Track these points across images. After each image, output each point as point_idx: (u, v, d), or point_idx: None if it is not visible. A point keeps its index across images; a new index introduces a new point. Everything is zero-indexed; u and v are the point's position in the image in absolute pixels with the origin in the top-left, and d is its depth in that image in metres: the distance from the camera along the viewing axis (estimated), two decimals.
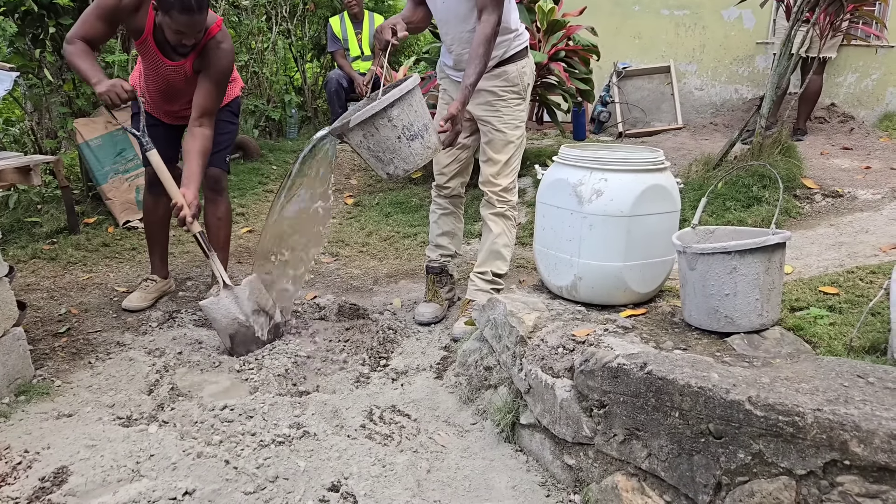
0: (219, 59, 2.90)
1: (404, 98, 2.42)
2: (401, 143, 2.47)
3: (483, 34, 2.58)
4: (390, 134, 2.46)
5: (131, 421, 2.34)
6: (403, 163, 2.52)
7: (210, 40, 2.87)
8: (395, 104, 2.40)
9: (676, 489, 1.67)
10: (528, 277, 3.51)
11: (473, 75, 2.59)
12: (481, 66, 2.60)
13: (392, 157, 2.51)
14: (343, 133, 2.52)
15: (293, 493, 1.97)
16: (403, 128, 2.45)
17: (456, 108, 2.59)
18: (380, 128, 2.44)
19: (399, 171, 2.55)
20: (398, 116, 2.43)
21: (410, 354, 2.85)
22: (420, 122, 2.49)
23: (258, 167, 5.70)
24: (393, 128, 2.45)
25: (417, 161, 2.54)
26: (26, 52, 4.35)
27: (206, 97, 2.94)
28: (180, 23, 2.66)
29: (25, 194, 4.54)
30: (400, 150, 2.49)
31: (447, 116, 2.59)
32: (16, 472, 2.04)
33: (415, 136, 2.48)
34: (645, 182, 2.27)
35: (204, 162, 2.98)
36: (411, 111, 2.46)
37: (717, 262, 1.97)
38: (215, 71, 2.92)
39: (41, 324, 3.07)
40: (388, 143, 2.47)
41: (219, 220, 3.30)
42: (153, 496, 1.93)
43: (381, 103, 2.39)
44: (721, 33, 6.90)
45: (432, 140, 2.55)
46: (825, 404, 1.44)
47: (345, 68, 6.61)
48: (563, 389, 1.97)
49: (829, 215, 3.94)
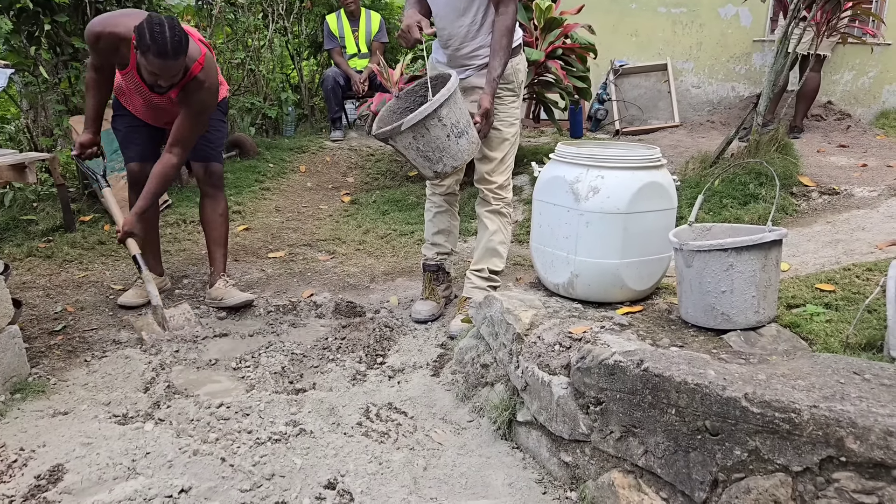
0: (200, 99, 2.91)
1: (452, 97, 2.45)
2: (450, 140, 2.50)
3: (504, 25, 2.65)
4: (440, 133, 2.48)
5: (127, 419, 2.34)
6: (452, 160, 2.55)
7: (192, 81, 2.85)
8: (444, 104, 2.42)
9: (673, 486, 1.67)
10: (525, 275, 3.51)
11: (500, 67, 2.66)
12: (506, 57, 2.67)
13: (441, 156, 2.53)
14: (391, 136, 2.52)
15: (289, 490, 1.96)
16: (452, 126, 2.48)
17: (489, 102, 2.66)
18: (430, 128, 2.46)
19: (448, 169, 2.58)
20: (447, 115, 2.45)
21: (407, 352, 2.84)
22: (465, 119, 2.53)
23: (255, 165, 5.69)
24: (443, 127, 2.46)
25: (465, 157, 2.57)
26: (22, 49, 4.34)
27: (183, 129, 2.96)
28: (155, 66, 2.64)
29: (21, 192, 4.53)
30: (449, 148, 2.52)
31: (483, 111, 2.66)
32: (11, 471, 2.03)
33: (462, 133, 2.52)
34: (641, 179, 2.26)
35: (161, 186, 3.02)
36: (457, 109, 2.49)
37: (713, 260, 1.97)
38: (195, 107, 2.92)
39: (37, 322, 3.06)
40: (438, 143, 2.49)
41: (220, 216, 3.35)
42: (149, 494, 1.92)
43: (431, 104, 2.40)
44: (718, 31, 6.90)
45: (475, 135, 2.59)
46: (821, 401, 1.44)
47: (341, 66, 6.60)
48: (559, 387, 1.97)
49: (825, 213, 3.95)
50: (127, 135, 3.23)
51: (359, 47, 6.67)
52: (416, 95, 2.72)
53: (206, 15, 5.85)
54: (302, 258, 4.04)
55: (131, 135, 3.21)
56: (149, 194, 2.98)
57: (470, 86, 2.82)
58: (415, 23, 2.58)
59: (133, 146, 3.23)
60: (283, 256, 4.05)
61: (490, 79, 2.67)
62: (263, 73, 6.66)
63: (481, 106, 2.67)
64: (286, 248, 4.19)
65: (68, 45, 4.42)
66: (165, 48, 2.58)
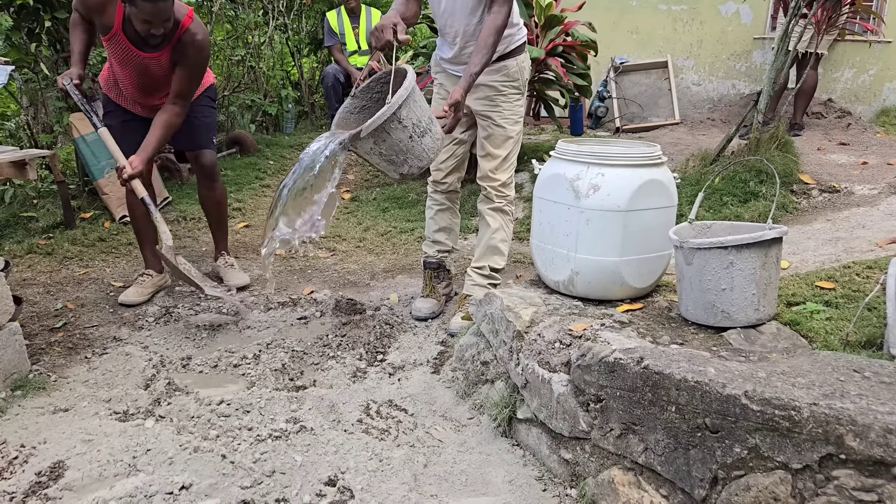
0: (195, 51, 2.93)
1: (410, 96, 2.34)
2: (413, 141, 2.39)
3: (494, 25, 2.58)
4: (402, 135, 2.37)
5: (128, 416, 2.34)
6: (417, 160, 2.45)
7: (184, 33, 2.88)
8: (403, 105, 2.31)
9: (673, 483, 1.68)
10: (525, 272, 3.51)
11: (479, 64, 2.57)
12: (488, 56, 2.59)
13: (406, 158, 2.42)
14: (350, 143, 2.40)
15: (290, 487, 1.97)
16: (413, 126, 2.37)
17: (460, 94, 2.54)
18: (391, 131, 2.34)
19: (413, 170, 2.48)
20: (407, 116, 2.34)
21: (407, 349, 2.85)
22: (426, 117, 2.43)
23: (255, 162, 5.68)
24: (404, 129, 2.35)
25: (430, 156, 2.47)
26: (22, 46, 4.33)
27: (181, 83, 2.99)
28: (146, 11, 2.65)
29: (21, 189, 4.53)
30: (413, 149, 2.41)
31: (451, 102, 2.54)
32: (12, 467, 2.03)
33: (424, 132, 2.41)
34: (642, 177, 2.26)
35: (166, 134, 3.04)
36: (417, 108, 2.38)
37: (713, 257, 1.97)
38: (192, 62, 2.96)
39: (37, 319, 3.07)
40: (400, 145, 2.38)
41: (218, 204, 3.45)
42: (150, 490, 1.93)
43: (388, 108, 2.29)
44: (718, 28, 6.90)
45: (438, 131, 2.49)
46: (821, 399, 1.45)
47: (342, 63, 6.59)
48: (559, 384, 1.97)
49: (825, 210, 3.95)
50: (120, 130, 3.17)
51: (359, 44, 6.66)
52: (373, 92, 2.61)
53: (207, 12, 5.84)
54: (302, 255, 4.04)
55: (125, 130, 3.18)
56: (154, 140, 2.99)
57: (476, 83, 2.81)
58: (390, 24, 2.47)
59: (126, 142, 3.15)
60: (284, 253, 4.05)
61: (468, 73, 2.57)
62: (264, 70, 6.66)
63: (451, 97, 2.55)
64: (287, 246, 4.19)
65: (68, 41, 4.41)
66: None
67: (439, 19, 2.80)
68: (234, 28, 6.32)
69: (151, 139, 2.99)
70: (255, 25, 6.40)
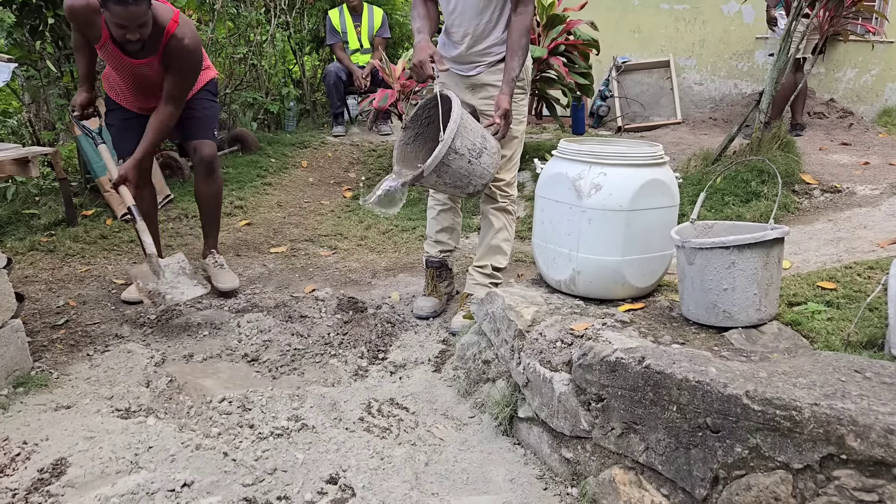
0: (184, 56, 2.91)
1: (460, 125, 2.44)
2: (472, 165, 2.51)
3: (523, 25, 2.65)
4: (462, 163, 2.49)
5: (130, 413, 2.34)
6: (480, 179, 2.57)
7: (171, 39, 2.85)
8: (455, 136, 2.42)
9: (674, 483, 1.68)
10: (527, 271, 3.52)
11: (518, 67, 2.66)
12: (524, 57, 2.68)
13: (469, 180, 2.55)
14: (415, 182, 2.54)
15: (291, 485, 1.97)
16: (469, 151, 2.49)
17: (507, 102, 2.64)
18: (451, 163, 2.47)
19: (479, 188, 2.61)
20: (462, 145, 2.46)
21: (409, 348, 2.85)
22: (479, 137, 2.53)
23: (257, 160, 5.69)
24: (461, 157, 2.47)
25: (491, 171, 2.59)
26: (24, 43, 4.34)
27: (172, 86, 2.98)
28: (118, 15, 2.62)
29: (23, 186, 4.53)
30: (474, 171, 2.53)
31: (501, 112, 2.64)
32: (14, 464, 2.04)
33: (481, 152, 2.52)
34: (644, 176, 2.26)
35: (159, 137, 3.07)
36: (468, 133, 2.48)
37: (715, 257, 1.97)
38: (181, 64, 2.93)
39: (39, 316, 3.07)
40: (462, 171, 2.51)
41: (213, 197, 3.44)
42: (152, 488, 1.93)
43: (444, 145, 2.40)
44: (721, 28, 6.90)
45: (494, 144, 2.59)
46: (822, 399, 1.45)
47: (343, 61, 6.59)
48: (561, 383, 1.97)
49: (827, 211, 3.95)
50: (120, 129, 3.23)
51: (361, 42, 6.66)
52: (422, 119, 2.71)
53: (209, 9, 5.84)
54: (304, 253, 4.05)
55: (125, 129, 3.21)
56: (147, 143, 3.01)
57: (480, 83, 2.82)
58: (427, 58, 2.55)
59: (127, 140, 3.20)
60: (285, 251, 4.06)
61: (508, 78, 2.65)
62: (265, 68, 6.66)
63: (499, 107, 2.65)
64: (288, 244, 4.20)
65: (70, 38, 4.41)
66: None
67: (447, 18, 2.81)
68: (237, 26, 6.32)
69: (144, 143, 3.01)
70: (256, 23, 6.41)
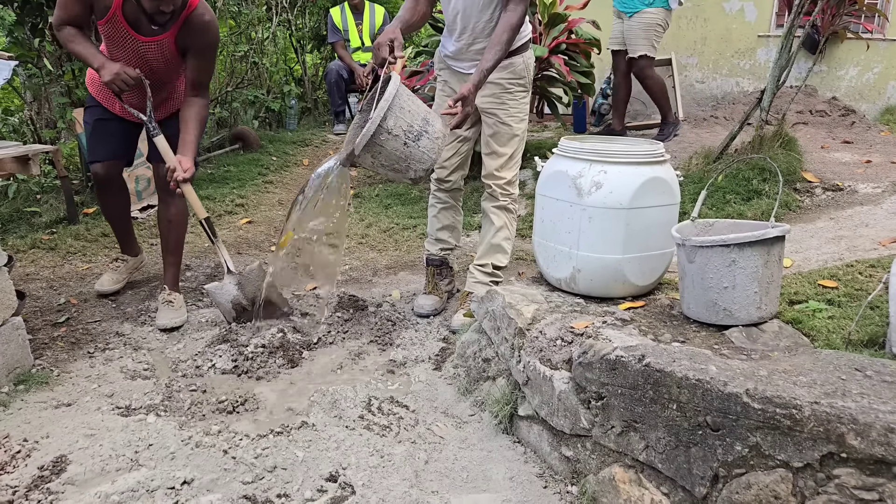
0: (204, 32, 2.81)
1: (394, 105, 2.37)
2: (409, 147, 2.44)
3: (510, 23, 2.58)
4: (396, 144, 2.42)
5: (130, 410, 2.35)
6: (419, 164, 2.50)
7: (192, 13, 2.75)
8: (387, 116, 2.35)
9: (674, 481, 1.68)
10: (527, 269, 3.51)
11: (492, 60, 2.57)
12: (502, 53, 2.59)
13: (408, 164, 2.48)
14: (353, 161, 2.49)
15: (291, 483, 1.97)
16: (405, 133, 2.42)
17: (468, 90, 2.53)
18: (383, 143, 2.41)
19: (420, 173, 2.54)
20: (395, 125, 2.39)
21: (409, 346, 2.85)
22: (418, 120, 2.45)
23: (258, 158, 5.69)
24: (395, 137, 2.41)
25: (431, 156, 2.51)
26: (25, 41, 4.33)
27: (197, 71, 2.90)
28: None
29: (25, 184, 4.53)
30: (412, 154, 2.46)
31: (457, 97, 2.53)
32: (15, 461, 2.04)
33: (419, 135, 2.45)
34: (644, 175, 2.26)
35: (201, 129, 2.96)
36: (405, 114, 2.41)
37: (715, 255, 1.97)
38: (203, 45, 2.84)
39: (40, 313, 3.07)
40: (397, 154, 2.44)
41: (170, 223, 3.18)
42: (151, 485, 1.93)
43: (372, 123, 2.34)
44: (722, 26, 6.88)
45: (437, 129, 2.51)
46: (822, 397, 1.44)
47: (345, 59, 6.59)
48: (561, 381, 1.97)
49: (828, 209, 3.94)
50: (98, 130, 3.04)
51: (362, 41, 6.66)
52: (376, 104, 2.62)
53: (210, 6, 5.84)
54: None
55: (103, 131, 3.04)
56: (193, 137, 2.88)
57: None
58: (387, 41, 2.51)
59: (104, 143, 3.04)
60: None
61: (479, 69, 2.56)
62: (267, 66, 6.66)
63: (459, 91, 2.54)
64: None
65: None
66: None
67: (448, 15, 2.79)
68: (238, 24, 6.32)
69: (190, 137, 2.87)
70: (258, 21, 6.41)
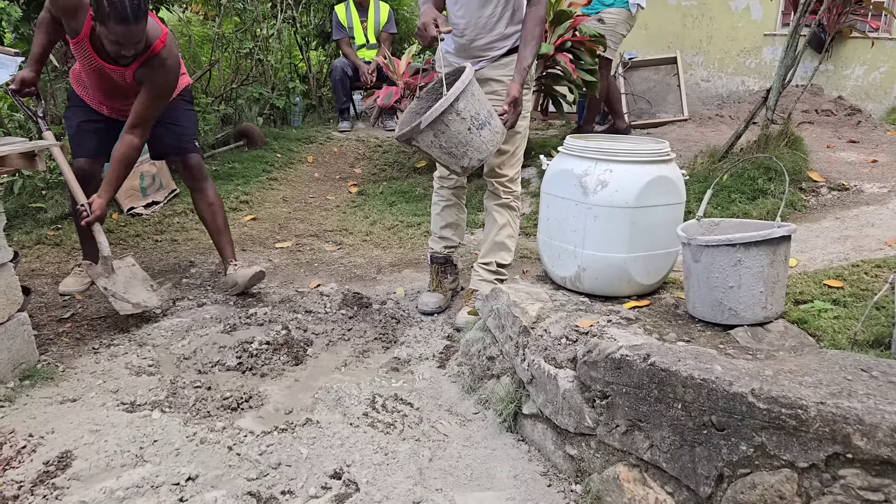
0: (161, 76, 2.84)
1: (467, 89, 2.42)
2: (472, 134, 2.47)
3: (538, 16, 2.67)
4: (461, 127, 2.45)
5: (135, 406, 2.35)
6: (477, 153, 2.53)
7: (153, 57, 2.80)
8: (460, 97, 2.39)
9: (678, 480, 1.68)
10: (532, 268, 3.51)
11: (531, 56, 2.67)
12: (537, 48, 2.68)
13: (466, 150, 2.51)
14: (412, 137, 2.50)
15: (295, 479, 1.98)
16: (472, 118, 2.45)
17: (517, 91, 2.63)
18: (450, 123, 2.43)
19: (474, 162, 2.56)
20: (465, 108, 2.43)
21: (413, 343, 2.85)
22: (485, 110, 2.51)
23: (262, 155, 5.69)
24: (462, 120, 2.44)
25: (490, 148, 2.55)
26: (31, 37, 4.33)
27: (143, 108, 2.90)
28: (117, 33, 2.59)
29: (30, 180, 4.54)
30: (472, 141, 2.49)
31: (510, 100, 2.63)
32: (20, 456, 2.05)
33: (483, 124, 2.49)
34: (650, 173, 2.26)
35: (126, 170, 2.97)
36: (475, 101, 2.46)
37: (721, 255, 1.97)
38: (157, 87, 2.87)
39: (45, 309, 3.08)
40: (459, 137, 2.47)
41: (210, 205, 3.30)
42: (156, 481, 1.94)
43: (446, 99, 2.38)
44: (728, 24, 6.86)
45: (498, 125, 2.57)
46: (828, 398, 1.44)
47: (350, 57, 6.59)
48: (565, 380, 1.97)
49: (834, 208, 3.93)
50: (81, 129, 3.14)
51: (367, 38, 6.65)
52: (437, 94, 2.68)
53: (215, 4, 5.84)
54: (309, 248, 4.05)
55: (87, 130, 3.13)
56: (115, 180, 2.94)
57: (483, 77, 2.81)
58: (431, 20, 2.56)
59: (86, 142, 3.14)
60: (290, 247, 4.06)
61: (521, 67, 2.65)
62: (272, 63, 6.66)
63: (509, 94, 2.64)
64: (293, 239, 4.20)
65: None
66: (125, 12, 2.53)
67: (451, 10, 2.80)
68: (243, 21, 6.32)
69: (112, 177, 2.93)
70: (263, 18, 6.40)
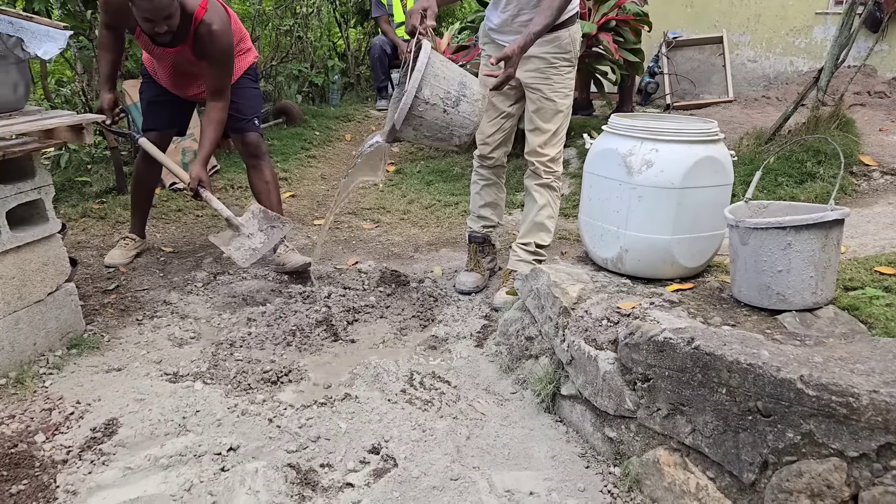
0: (213, 42, 2.86)
1: (426, 75, 2.33)
2: (448, 115, 2.40)
3: None
4: (436, 113, 2.39)
5: (178, 377, 2.40)
6: (462, 129, 2.46)
7: (199, 26, 2.82)
8: (422, 86, 2.32)
9: (720, 466, 1.65)
10: (571, 249, 3.47)
11: (540, 25, 2.50)
12: (552, 19, 2.53)
13: (450, 131, 2.45)
14: (396, 136, 2.47)
15: (334, 453, 2.00)
16: (443, 100, 2.38)
17: (512, 50, 2.46)
18: (423, 114, 2.38)
19: (464, 138, 2.50)
20: (432, 94, 2.35)
21: (451, 322, 2.85)
22: (454, 85, 2.40)
23: (301, 132, 5.72)
24: (433, 107, 2.37)
25: (474, 119, 2.46)
26: (78, 13, 4.40)
27: (212, 79, 2.97)
28: (143, 9, 2.62)
29: (76, 154, 4.64)
30: (453, 121, 2.42)
31: (500, 56, 2.48)
32: (69, 422, 2.11)
33: (458, 100, 2.40)
34: (697, 154, 2.21)
35: (218, 131, 3.03)
36: (440, 81, 2.37)
37: (770, 238, 1.91)
38: (214, 54, 2.90)
39: (91, 281, 3.15)
40: (438, 123, 2.41)
41: (266, 183, 3.33)
42: (199, 450, 1.98)
43: (408, 95, 2.32)
44: (778, 2, 6.64)
45: (475, 91, 2.46)
46: (881, 386, 1.40)
47: (388, 34, 6.56)
48: (606, 362, 1.94)
49: (887, 193, 3.80)
50: (153, 103, 3.26)
51: None
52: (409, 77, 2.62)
53: None
54: (347, 226, 4.07)
55: (158, 103, 3.24)
56: (208, 142, 3.01)
57: (527, 55, 2.75)
58: (419, 9, 2.47)
59: (158, 116, 3.25)
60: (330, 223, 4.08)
61: (527, 31, 2.50)
62: (311, 41, 6.67)
63: (503, 51, 2.48)
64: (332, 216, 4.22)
65: None
66: None
67: None
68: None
69: (205, 141, 3.01)
70: None
